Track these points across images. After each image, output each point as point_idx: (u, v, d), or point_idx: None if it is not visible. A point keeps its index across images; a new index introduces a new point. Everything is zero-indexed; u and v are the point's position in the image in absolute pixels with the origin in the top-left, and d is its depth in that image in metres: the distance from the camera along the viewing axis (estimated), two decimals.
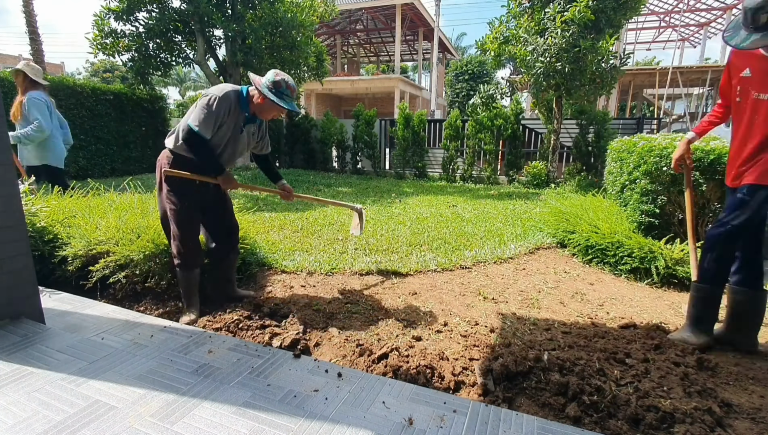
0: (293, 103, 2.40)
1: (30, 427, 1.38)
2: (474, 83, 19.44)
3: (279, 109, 2.42)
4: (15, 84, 3.95)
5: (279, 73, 2.35)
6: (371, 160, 11.05)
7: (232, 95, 2.32)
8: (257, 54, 9.62)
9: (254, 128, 2.55)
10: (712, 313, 2.25)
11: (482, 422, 1.46)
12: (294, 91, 2.40)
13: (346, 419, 1.46)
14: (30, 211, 3.13)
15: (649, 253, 3.27)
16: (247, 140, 2.54)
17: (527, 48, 7.89)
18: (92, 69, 31.77)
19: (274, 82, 2.31)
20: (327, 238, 4.27)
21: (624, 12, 7.52)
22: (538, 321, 2.51)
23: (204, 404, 1.52)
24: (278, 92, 2.32)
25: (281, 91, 2.33)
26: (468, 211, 5.92)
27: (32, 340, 1.97)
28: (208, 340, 2.02)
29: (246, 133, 2.50)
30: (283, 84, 2.33)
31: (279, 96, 2.32)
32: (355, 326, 2.43)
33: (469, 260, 3.64)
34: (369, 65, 34.34)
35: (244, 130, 2.47)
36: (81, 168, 9.75)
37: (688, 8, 21.67)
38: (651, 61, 35.16)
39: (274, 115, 2.51)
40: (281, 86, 2.32)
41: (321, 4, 12.23)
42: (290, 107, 2.36)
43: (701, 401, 1.74)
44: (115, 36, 9.70)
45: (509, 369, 1.86)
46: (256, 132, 2.58)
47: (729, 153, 2.24)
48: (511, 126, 9.29)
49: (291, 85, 2.37)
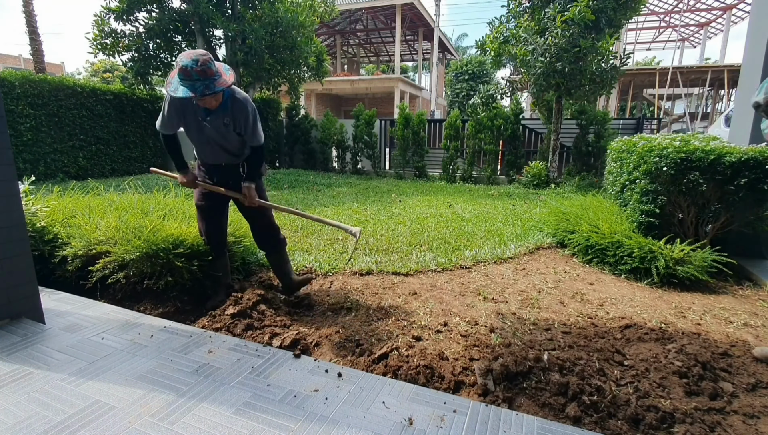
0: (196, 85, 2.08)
1: (30, 428, 1.38)
2: (474, 83, 19.43)
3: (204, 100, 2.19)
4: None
5: (178, 58, 2.12)
6: (371, 160, 11.05)
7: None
8: (257, 54, 9.62)
9: (226, 119, 2.33)
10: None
11: (482, 422, 1.46)
12: (188, 71, 2.06)
13: (346, 419, 1.45)
14: (30, 211, 3.13)
15: (649, 253, 3.27)
16: (217, 131, 2.36)
17: (527, 48, 7.89)
18: (92, 69, 31.74)
19: (174, 69, 2.14)
20: (327, 238, 4.27)
21: (624, 12, 7.51)
22: (538, 321, 2.51)
23: (204, 404, 1.52)
24: (178, 81, 2.12)
25: (179, 78, 2.11)
26: (468, 211, 5.91)
27: (32, 340, 1.97)
28: (208, 340, 2.02)
29: (212, 125, 2.34)
30: (178, 71, 2.10)
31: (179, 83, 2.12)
32: (355, 326, 2.42)
33: (469, 260, 3.64)
34: (369, 65, 34.34)
35: (206, 122, 2.33)
36: (81, 168, 9.75)
37: (688, 8, 21.68)
38: (651, 61, 35.17)
39: (206, 103, 2.23)
40: (177, 74, 2.12)
41: (321, 4, 12.24)
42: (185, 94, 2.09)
43: (701, 401, 1.74)
44: (115, 36, 9.71)
45: (509, 369, 1.86)
46: (230, 123, 2.35)
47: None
48: (511, 126, 9.29)
49: (182, 65, 2.06)
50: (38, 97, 8.70)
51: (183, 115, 2.33)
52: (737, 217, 3.39)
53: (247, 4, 10.08)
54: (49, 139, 9.01)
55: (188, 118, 2.34)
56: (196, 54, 2.11)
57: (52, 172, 9.10)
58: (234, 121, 2.35)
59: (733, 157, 3.17)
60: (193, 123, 2.35)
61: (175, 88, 2.12)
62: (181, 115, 2.33)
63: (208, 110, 2.30)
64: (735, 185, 3.21)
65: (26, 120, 8.55)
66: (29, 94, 8.51)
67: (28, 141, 8.63)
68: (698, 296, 3.03)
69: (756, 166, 3.16)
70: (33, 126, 8.68)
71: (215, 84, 2.12)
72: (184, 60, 2.07)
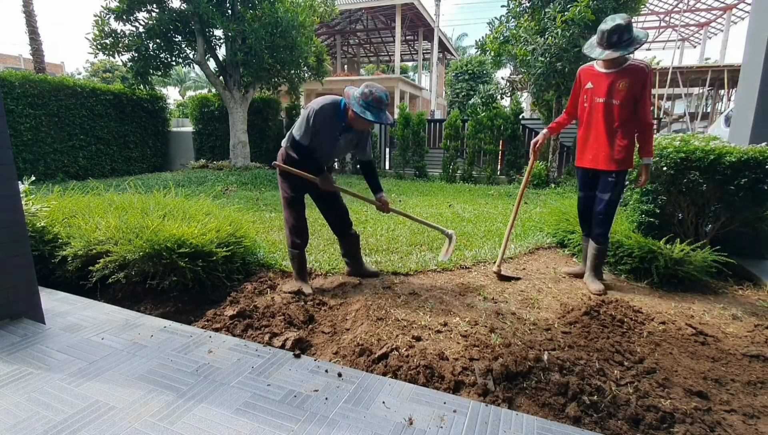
0: (381, 115, 2.52)
1: (30, 428, 1.38)
2: (474, 83, 19.40)
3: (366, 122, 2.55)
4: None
5: (369, 85, 2.52)
6: None
7: (328, 108, 2.61)
8: (257, 54, 9.62)
9: (352, 136, 2.77)
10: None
11: (482, 422, 1.46)
12: (382, 103, 2.50)
13: (346, 419, 1.45)
14: (30, 211, 3.13)
15: (648, 253, 3.27)
16: (345, 146, 2.83)
17: (527, 48, 7.89)
18: (92, 69, 31.74)
19: (363, 93, 2.50)
20: (327, 238, 4.27)
21: (624, 12, 7.51)
22: (538, 321, 2.51)
23: (204, 404, 1.52)
24: (365, 104, 2.49)
25: (368, 103, 2.49)
26: (468, 211, 5.91)
27: (32, 340, 1.97)
28: (208, 340, 2.02)
29: (343, 140, 2.76)
30: (370, 96, 2.48)
31: (366, 108, 2.48)
32: (355, 326, 2.42)
33: (469, 260, 3.64)
34: (369, 65, 34.34)
35: (341, 138, 2.74)
36: (81, 168, 9.76)
37: (688, 8, 21.68)
38: (651, 61, 35.12)
39: (365, 125, 2.67)
40: (368, 98, 2.48)
41: (321, 4, 12.23)
42: (375, 119, 2.49)
43: (701, 401, 1.74)
44: (115, 36, 9.70)
45: (509, 369, 1.86)
46: (354, 139, 2.81)
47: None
48: (511, 126, 9.29)
49: (377, 96, 2.48)
50: (38, 97, 8.70)
51: (322, 129, 2.65)
52: (737, 217, 3.39)
53: (247, 4, 10.07)
54: (49, 139, 9.01)
55: (325, 133, 2.68)
56: (384, 89, 2.55)
57: (52, 172, 9.11)
58: (358, 139, 2.84)
59: (733, 157, 3.17)
60: (328, 137, 2.71)
61: (363, 111, 2.48)
62: (320, 129, 2.65)
63: (346, 128, 2.70)
64: (735, 185, 3.21)
65: (26, 120, 8.55)
66: (29, 94, 8.51)
67: (28, 141, 8.63)
68: (698, 296, 3.03)
69: (756, 166, 3.16)
70: (33, 126, 8.69)
71: (389, 116, 2.60)
72: (380, 92, 2.50)
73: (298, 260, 2.97)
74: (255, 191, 7.88)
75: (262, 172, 9.90)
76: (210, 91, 13.73)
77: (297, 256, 2.96)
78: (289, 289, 2.86)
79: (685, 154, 3.33)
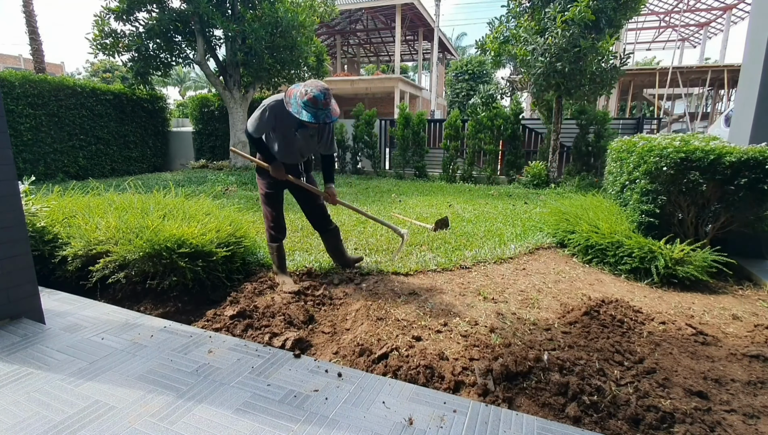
0: (319, 113, 2.51)
1: (30, 428, 1.38)
2: (474, 83, 19.42)
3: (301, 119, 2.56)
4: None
5: (307, 84, 2.53)
6: (371, 160, 11.04)
7: (279, 105, 2.65)
8: (257, 54, 9.62)
9: (311, 132, 2.81)
10: None
11: (482, 422, 1.46)
12: (317, 102, 2.49)
13: (346, 419, 1.45)
14: (30, 211, 3.13)
15: (649, 253, 3.27)
16: (305, 141, 2.86)
17: (527, 48, 7.89)
18: (92, 69, 31.75)
19: (300, 93, 2.53)
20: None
21: (624, 12, 7.51)
22: (538, 321, 2.51)
23: (204, 404, 1.52)
24: (303, 104, 2.51)
25: (305, 103, 2.50)
26: (468, 210, 5.91)
27: (32, 340, 1.97)
28: (208, 340, 2.02)
29: (301, 135, 2.80)
30: (305, 96, 2.49)
31: (303, 107, 2.51)
32: (355, 326, 2.42)
33: (469, 260, 3.64)
34: (369, 65, 34.33)
35: (297, 133, 2.79)
36: (81, 168, 9.75)
37: (688, 8, 21.67)
38: (651, 61, 35.19)
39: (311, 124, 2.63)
40: (303, 97, 2.51)
41: (321, 4, 12.22)
42: (310, 119, 2.50)
43: (701, 401, 1.74)
44: (115, 36, 9.70)
45: (509, 369, 1.86)
46: (315, 135, 2.85)
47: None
48: (511, 126, 9.28)
49: (312, 96, 2.48)
50: (38, 97, 8.70)
51: (276, 124, 2.73)
52: (737, 217, 3.39)
53: (247, 4, 10.07)
54: (49, 139, 9.01)
55: (281, 128, 2.75)
56: (324, 87, 2.53)
57: (52, 172, 9.11)
58: (319, 134, 2.87)
59: (733, 157, 3.17)
60: (284, 132, 2.77)
61: (298, 111, 2.50)
62: (273, 125, 2.73)
63: (301, 124, 2.70)
64: (735, 185, 3.21)
65: (26, 120, 8.55)
66: (29, 94, 8.51)
67: (28, 141, 8.63)
68: (698, 296, 3.03)
69: (756, 166, 3.16)
70: (33, 126, 8.69)
71: (332, 114, 2.58)
72: (315, 91, 2.48)
73: (278, 253, 3.08)
74: (255, 191, 7.88)
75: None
76: (210, 91, 13.74)
77: (276, 248, 3.07)
78: (289, 289, 2.86)
79: (685, 154, 3.33)
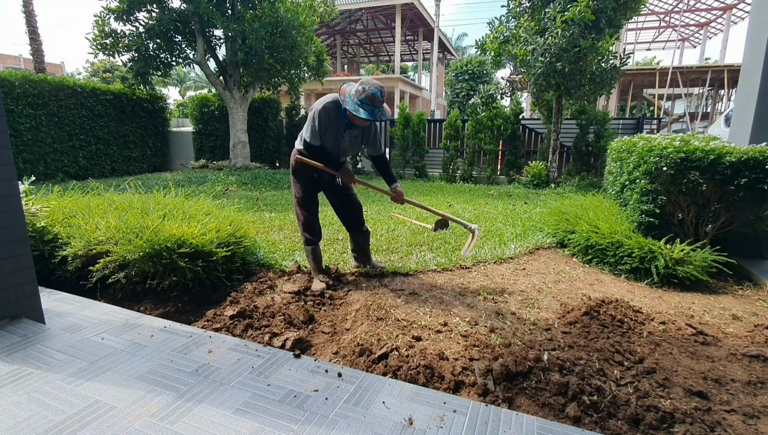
0: (376, 111, 2.53)
1: (30, 428, 1.38)
2: (474, 83, 19.41)
3: (359, 119, 2.58)
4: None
5: (363, 82, 2.53)
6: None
7: (330, 106, 2.65)
8: (257, 54, 9.61)
9: (357, 132, 2.81)
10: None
11: (482, 422, 1.46)
12: (375, 99, 2.51)
13: (346, 419, 1.45)
14: (30, 211, 3.13)
15: (649, 253, 3.27)
16: (351, 142, 2.85)
17: (527, 48, 7.89)
18: (92, 69, 31.75)
19: (356, 91, 2.53)
20: (327, 238, 4.26)
21: (624, 12, 7.51)
22: (538, 321, 2.51)
23: (204, 404, 1.52)
24: (359, 102, 2.51)
25: (361, 101, 2.51)
26: (468, 211, 5.91)
27: (32, 340, 1.97)
28: (208, 340, 2.02)
29: (348, 136, 2.80)
30: (363, 93, 2.50)
31: (359, 105, 2.51)
32: (355, 326, 2.42)
33: (469, 260, 3.64)
34: (369, 65, 34.33)
35: (345, 135, 2.78)
36: (81, 168, 9.75)
37: (688, 8, 21.67)
38: (651, 61, 35.18)
39: (359, 122, 2.67)
40: (361, 95, 2.51)
41: (321, 4, 12.21)
42: (368, 117, 2.50)
43: (701, 401, 1.74)
44: (115, 36, 9.70)
45: (509, 369, 1.86)
46: (359, 135, 2.85)
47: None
48: (511, 126, 9.29)
49: (370, 93, 2.49)
50: (38, 97, 8.70)
51: (327, 127, 2.71)
52: (737, 217, 3.39)
53: (247, 4, 10.07)
54: (49, 139, 9.01)
55: (331, 130, 2.74)
56: (379, 84, 2.54)
57: (52, 172, 9.10)
58: (365, 135, 2.88)
59: (733, 157, 3.17)
60: (335, 134, 2.76)
61: (355, 109, 2.51)
62: (326, 127, 2.71)
63: (349, 125, 2.74)
64: (735, 185, 3.21)
65: (26, 120, 8.55)
66: (29, 94, 8.51)
67: (28, 141, 8.63)
68: (698, 296, 3.03)
69: (756, 166, 3.16)
70: (33, 126, 8.68)
71: (386, 112, 2.60)
72: (372, 89, 2.50)
73: (314, 255, 3.07)
74: (255, 191, 7.89)
75: (262, 172, 9.90)
76: (210, 91, 13.73)
77: (311, 251, 3.06)
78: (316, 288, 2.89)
79: (685, 154, 3.33)
